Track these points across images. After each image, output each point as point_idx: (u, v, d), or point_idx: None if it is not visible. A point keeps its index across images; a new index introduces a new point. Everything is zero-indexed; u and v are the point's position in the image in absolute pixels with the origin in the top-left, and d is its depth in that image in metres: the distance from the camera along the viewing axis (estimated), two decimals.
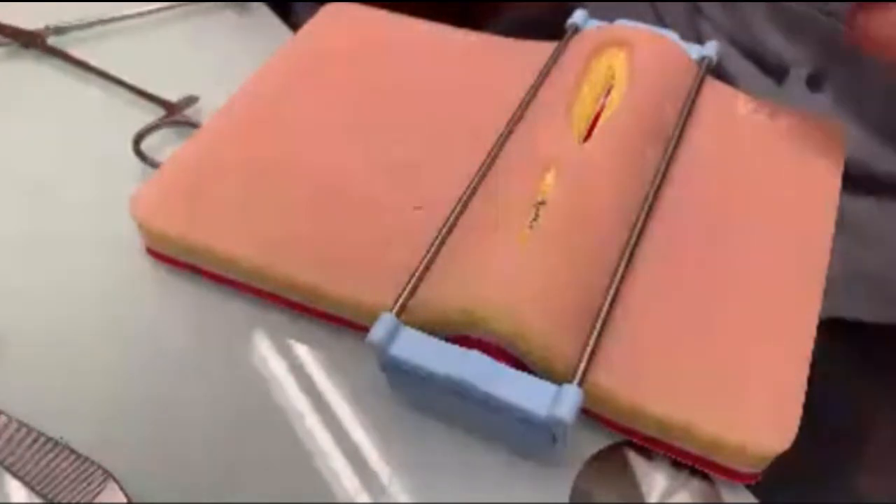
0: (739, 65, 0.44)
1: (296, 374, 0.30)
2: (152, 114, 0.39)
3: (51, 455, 0.28)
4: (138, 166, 0.32)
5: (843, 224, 0.31)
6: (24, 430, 0.28)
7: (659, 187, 0.31)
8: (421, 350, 0.26)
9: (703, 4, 0.46)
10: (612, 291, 0.27)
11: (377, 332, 0.26)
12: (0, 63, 0.43)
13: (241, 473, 0.28)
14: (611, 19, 0.37)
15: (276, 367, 0.31)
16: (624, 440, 0.28)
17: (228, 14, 0.47)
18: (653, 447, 0.27)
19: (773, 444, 0.25)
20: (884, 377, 0.42)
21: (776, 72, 0.43)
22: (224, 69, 0.40)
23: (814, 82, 0.41)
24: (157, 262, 0.33)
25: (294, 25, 0.42)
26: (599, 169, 0.30)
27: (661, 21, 0.49)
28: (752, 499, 0.27)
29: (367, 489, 0.27)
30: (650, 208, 0.30)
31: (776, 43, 0.42)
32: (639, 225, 0.29)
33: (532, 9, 0.59)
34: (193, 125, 0.38)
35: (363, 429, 0.29)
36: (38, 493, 0.27)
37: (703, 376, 0.26)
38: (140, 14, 0.45)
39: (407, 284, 0.28)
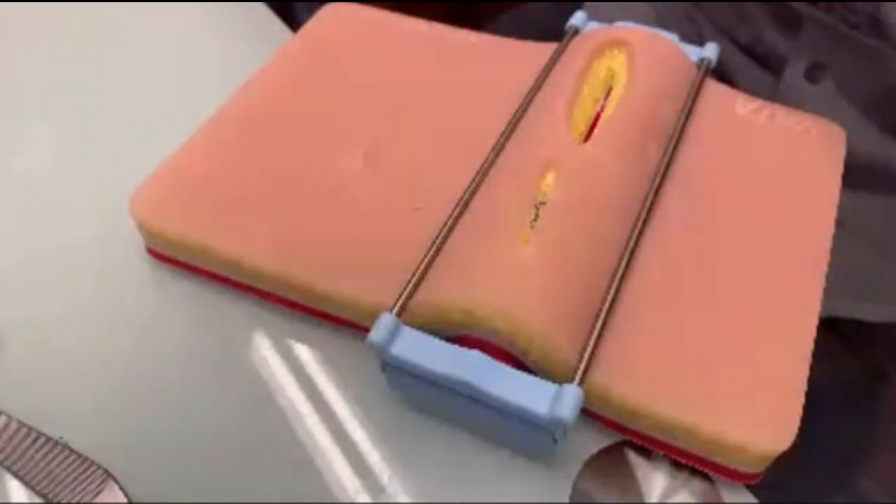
0: (738, 59, 0.44)
1: (296, 374, 0.30)
2: (152, 110, 0.39)
3: (51, 455, 0.27)
4: (138, 165, 0.32)
5: (843, 223, 0.31)
6: (24, 430, 0.28)
7: (659, 187, 0.31)
8: (421, 350, 0.26)
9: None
10: (612, 291, 0.27)
11: (377, 332, 0.26)
12: None
13: (241, 473, 0.28)
14: (611, 20, 0.37)
15: (277, 367, 0.30)
16: (624, 440, 0.28)
17: (229, 14, 0.47)
18: (653, 447, 0.27)
19: (773, 444, 0.25)
20: (883, 377, 0.42)
21: (774, 65, 0.43)
22: (224, 69, 0.40)
23: (812, 75, 0.41)
24: (157, 262, 0.33)
25: (294, 25, 0.42)
26: (599, 169, 0.30)
27: (660, 20, 0.49)
28: (752, 499, 0.27)
29: (367, 489, 0.27)
30: (650, 208, 0.30)
31: (774, 36, 0.42)
32: (639, 225, 0.30)
33: (532, 9, 0.59)
34: None
35: (363, 429, 0.29)
36: (38, 493, 0.27)
37: (703, 376, 0.26)
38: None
39: (407, 284, 0.28)
